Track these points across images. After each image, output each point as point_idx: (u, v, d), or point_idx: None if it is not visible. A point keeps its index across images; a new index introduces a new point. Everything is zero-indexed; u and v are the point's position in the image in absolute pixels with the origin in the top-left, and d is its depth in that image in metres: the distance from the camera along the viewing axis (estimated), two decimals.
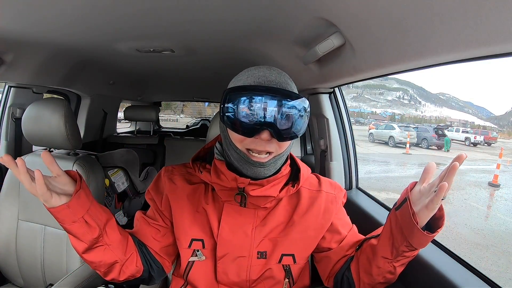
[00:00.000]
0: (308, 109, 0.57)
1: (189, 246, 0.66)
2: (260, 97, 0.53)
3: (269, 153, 0.56)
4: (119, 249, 0.62)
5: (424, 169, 0.53)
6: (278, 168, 0.62)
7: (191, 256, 0.66)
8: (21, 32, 0.95)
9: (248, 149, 0.56)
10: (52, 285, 1.09)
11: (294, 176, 0.68)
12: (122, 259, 0.63)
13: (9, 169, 1.21)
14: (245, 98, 0.54)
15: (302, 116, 0.56)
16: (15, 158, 0.53)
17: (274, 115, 0.53)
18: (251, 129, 0.53)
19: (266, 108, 0.53)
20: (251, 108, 0.53)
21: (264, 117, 0.53)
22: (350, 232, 0.70)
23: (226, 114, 0.55)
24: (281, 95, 0.53)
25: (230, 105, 0.55)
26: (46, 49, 1.17)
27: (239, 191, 0.61)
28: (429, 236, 0.52)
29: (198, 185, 0.69)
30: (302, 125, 0.56)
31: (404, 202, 0.54)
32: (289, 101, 0.54)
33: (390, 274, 0.59)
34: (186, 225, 0.66)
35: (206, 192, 0.68)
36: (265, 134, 0.53)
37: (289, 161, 0.67)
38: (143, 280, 0.69)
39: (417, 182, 0.55)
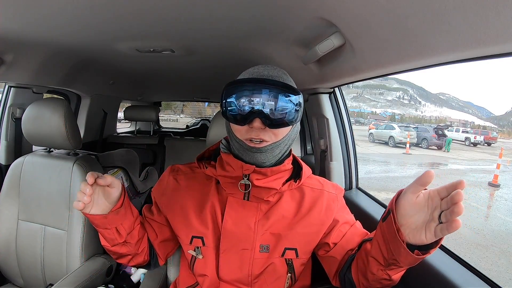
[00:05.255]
0: (301, 102, 0.61)
1: (190, 242, 0.69)
2: (249, 88, 0.58)
3: (265, 141, 0.60)
4: (135, 246, 0.69)
5: (422, 176, 0.44)
6: (278, 157, 0.64)
7: (192, 250, 0.69)
8: (21, 32, 0.95)
9: (246, 139, 0.60)
10: (52, 285, 1.09)
11: (296, 174, 0.71)
12: (135, 253, 0.70)
13: (9, 169, 1.22)
14: (236, 91, 0.60)
15: (294, 107, 0.59)
16: (15, 158, 0.55)
17: (264, 104, 0.57)
18: (243, 118, 0.59)
19: (256, 97, 0.58)
20: (242, 98, 0.59)
21: (254, 106, 0.58)
22: (351, 230, 0.69)
23: (224, 107, 0.61)
24: (271, 85, 0.58)
25: (226, 98, 0.61)
26: (46, 49, 1.17)
27: (243, 178, 0.64)
28: (417, 258, 0.47)
29: (205, 182, 0.72)
30: (294, 114, 0.60)
31: (388, 215, 0.49)
32: (277, 90, 0.58)
33: (386, 281, 0.56)
34: (187, 223, 0.69)
35: (211, 187, 0.71)
36: (256, 122, 0.58)
37: (291, 157, 0.70)
38: (144, 266, 0.78)
39: (404, 190, 0.48)
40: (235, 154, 0.65)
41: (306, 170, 0.71)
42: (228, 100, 0.60)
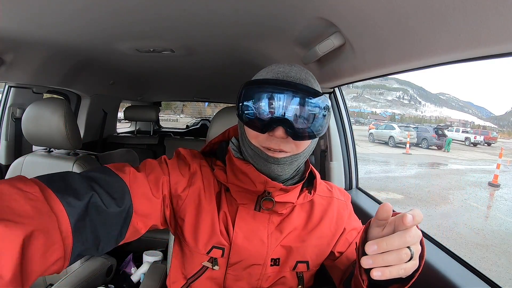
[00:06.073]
0: (329, 106, 0.53)
1: (208, 252, 0.60)
2: (275, 92, 0.50)
3: (286, 151, 0.53)
4: None
5: (378, 211, 0.41)
6: (294, 170, 0.58)
7: (207, 261, 0.61)
8: (21, 32, 0.95)
9: (263, 147, 0.53)
10: (52, 285, 1.09)
11: (308, 182, 0.65)
12: None
13: (9, 169, 1.21)
14: (259, 92, 0.51)
15: (322, 114, 0.52)
16: (15, 158, 0.50)
17: (289, 111, 0.49)
18: (264, 125, 0.50)
19: (281, 103, 0.49)
20: (265, 103, 0.50)
21: (278, 112, 0.49)
22: (357, 237, 0.64)
23: (241, 108, 0.53)
24: (299, 90, 0.50)
25: (245, 99, 0.52)
26: (46, 49, 1.17)
27: (267, 196, 0.57)
28: None
29: (216, 184, 0.62)
30: (321, 124, 0.52)
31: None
32: (307, 98, 0.50)
33: None
34: (213, 229, 0.59)
35: (222, 190, 0.62)
36: (279, 131, 0.50)
37: (310, 168, 0.63)
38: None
39: (370, 222, 0.44)
40: (248, 161, 0.57)
41: (318, 178, 0.65)
42: (247, 102, 0.52)
